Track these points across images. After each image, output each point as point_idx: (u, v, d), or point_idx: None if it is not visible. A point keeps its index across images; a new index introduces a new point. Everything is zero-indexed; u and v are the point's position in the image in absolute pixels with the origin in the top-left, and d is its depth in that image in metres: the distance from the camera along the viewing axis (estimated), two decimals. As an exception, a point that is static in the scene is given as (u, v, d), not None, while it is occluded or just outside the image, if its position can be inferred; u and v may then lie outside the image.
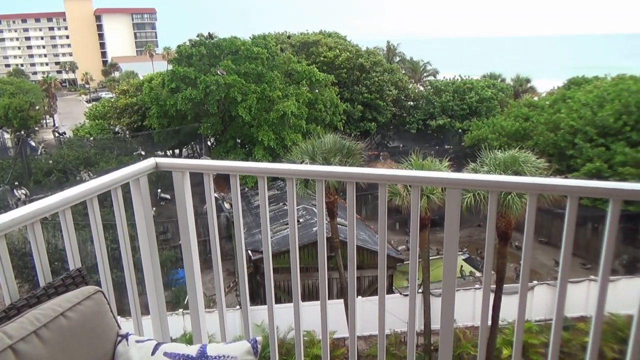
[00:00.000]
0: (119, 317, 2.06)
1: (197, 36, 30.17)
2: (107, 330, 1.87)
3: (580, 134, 23.44)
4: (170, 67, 30.75)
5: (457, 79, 36.23)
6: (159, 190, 23.88)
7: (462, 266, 21.97)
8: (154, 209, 21.98)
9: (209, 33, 30.28)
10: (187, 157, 35.79)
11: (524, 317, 2.11)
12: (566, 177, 21.05)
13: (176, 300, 19.02)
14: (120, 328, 1.93)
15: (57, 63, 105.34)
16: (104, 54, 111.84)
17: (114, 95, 39.08)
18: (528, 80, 40.91)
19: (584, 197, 1.95)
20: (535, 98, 34.05)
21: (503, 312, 15.09)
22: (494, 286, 14.90)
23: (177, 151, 35.74)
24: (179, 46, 29.83)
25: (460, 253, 23.20)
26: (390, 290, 19.18)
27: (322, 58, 34.64)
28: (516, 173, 13.27)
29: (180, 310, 16.96)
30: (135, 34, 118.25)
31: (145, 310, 2.53)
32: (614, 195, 1.79)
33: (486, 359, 15.67)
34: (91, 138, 31.03)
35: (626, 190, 1.84)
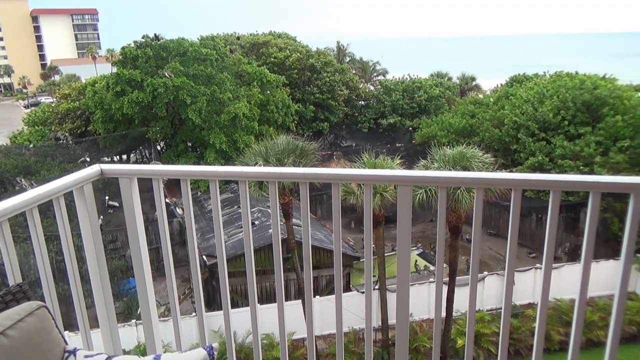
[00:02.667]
0: (67, 332, 1.97)
1: (143, 37, 29.27)
2: (53, 347, 1.78)
3: (523, 129, 24.53)
4: (114, 69, 29.66)
5: (406, 79, 37.03)
6: (107, 198, 23.04)
7: (416, 261, 22.49)
8: (102, 217, 21.18)
9: (154, 34, 29.45)
10: (136, 162, 34.70)
11: (475, 308, 2.18)
12: (511, 171, 22.03)
13: (128, 310, 18.42)
14: (67, 343, 1.84)
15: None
16: (42, 57, 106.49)
17: (55, 99, 37.31)
18: (473, 79, 42.40)
19: (527, 190, 2.04)
20: (481, 96, 35.36)
21: (457, 304, 15.58)
22: (447, 279, 15.35)
23: (125, 157, 34.56)
24: (123, 48, 28.78)
25: (414, 248, 23.74)
26: (347, 288, 19.36)
27: (272, 59, 34.49)
28: (464, 168, 13.72)
29: (133, 320, 16.44)
30: (75, 35, 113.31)
31: (95, 323, 2.43)
32: (554, 187, 1.88)
33: (441, 350, 16.13)
34: (31, 145, 29.44)
35: (565, 182, 1.94)
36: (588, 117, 23.26)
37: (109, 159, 31.56)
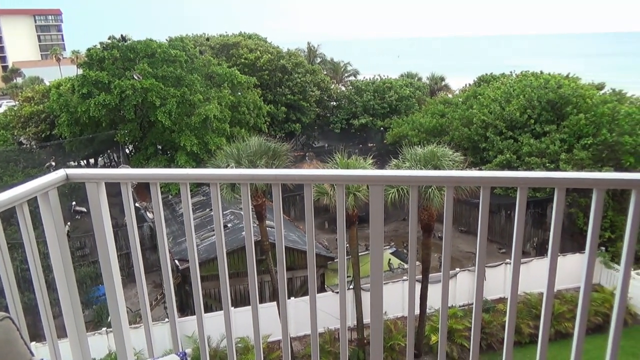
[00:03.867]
0: (33, 343, 1.90)
1: (109, 39, 28.61)
2: (18, 359, 1.72)
3: (491, 127, 25.08)
4: (80, 71, 28.89)
5: (377, 79, 37.36)
6: (74, 203, 22.43)
7: (390, 260, 22.70)
8: (69, 223, 20.60)
9: (121, 35, 28.82)
10: (104, 166, 33.89)
11: (448, 304, 2.21)
12: (480, 169, 22.48)
13: (99, 318, 17.99)
14: (33, 355, 1.78)
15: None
16: (3, 59, 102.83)
17: (17, 103, 36.05)
18: (442, 79, 43.09)
19: (496, 187, 2.08)
20: (450, 95, 35.99)
21: (430, 301, 15.81)
22: (420, 277, 15.55)
23: (92, 161, 33.70)
24: (89, 49, 28.06)
25: (387, 247, 23.95)
26: (322, 289, 19.38)
27: (243, 60, 34.26)
28: (435, 167, 13.93)
29: (104, 328, 16.05)
30: (39, 36, 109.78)
31: (63, 333, 2.36)
32: (521, 184, 1.93)
33: (416, 347, 16.34)
34: (-8, 150, 28.41)
35: (531, 179, 1.99)
36: (553, 116, 23.97)
37: (76, 164, 30.72)
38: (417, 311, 15.57)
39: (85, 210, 21.74)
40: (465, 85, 35.90)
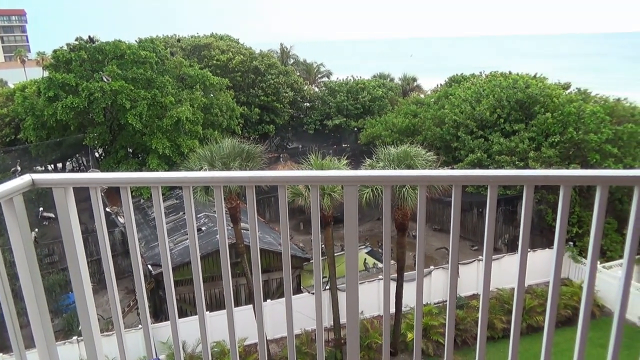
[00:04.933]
0: (0, 355, 1.83)
1: (76, 40, 27.91)
2: (-17, 371, 1.66)
3: (462, 127, 25.52)
4: (46, 73, 28.09)
5: (350, 80, 37.55)
6: (41, 209, 21.76)
7: (365, 259, 22.84)
8: (36, 230, 19.98)
9: (89, 36, 28.14)
10: (72, 170, 33.05)
11: (422, 302, 2.23)
12: (452, 168, 22.82)
13: (69, 327, 17.52)
14: (-1, 367, 1.72)
15: None
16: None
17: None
18: (414, 79, 43.59)
19: (467, 185, 2.11)
20: (422, 96, 36.45)
21: (406, 299, 15.97)
22: (396, 275, 15.69)
23: (60, 165, 32.82)
24: (55, 51, 27.29)
25: (362, 247, 24.09)
26: (298, 290, 19.36)
27: (215, 61, 33.93)
28: (409, 167, 14.09)
29: (75, 337, 15.64)
30: (2, 37, 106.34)
31: (31, 343, 2.29)
32: (492, 182, 1.97)
33: (392, 345, 16.47)
34: (-47, 156, 27.35)
35: (501, 177, 2.03)
36: (521, 115, 24.55)
37: (43, 168, 29.86)
38: (392, 310, 15.70)
39: (53, 216, 21.13)
40: (437, 85, 36.43)
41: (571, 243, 20.59)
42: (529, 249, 2.07)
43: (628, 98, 25.40)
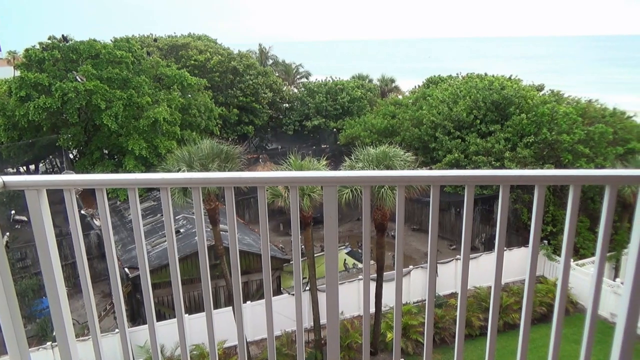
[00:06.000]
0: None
1: (49, 39, 27.27)
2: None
3: (440, 128, 25.83)
4: (17, 73, 27.37)
5: (329, 81, 37.62)
6: (13, 212, 21.23)
7: (345, 260, 22.90)
8: (7, 234, 19.48)
9: (62, 35, 27.53)
10: (46, 172, 32.29)
11: (402, 301, 2.25)
12: (430, 168, 23.09)
13: (43, 332, 17.12)
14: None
15: None
16: None
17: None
18: (393, 80, 43.94)
19: (445, 185, 2.14)
20: (400, 97, 36.75)
21: (385, 298, 16.08)
22: (375, 275, 15.78)
23: (32, 167, 32.02)
24: (27, 50, 26.62)
25: (342, 247, 24.15)
26: (278, 292, 19.31)
27: (192, 62, 33.61)
28: (388, 167, 14.18)
29: (49, 343, 15.28)
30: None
31: (3, 350, 2.23)
32: (469, 182, 2.00)
33: (372, 345, 16.55)
34: None
35: (478, 177, 2.06)
36: (497, 116, 24.98)
37: (14, 170, 29.10)
38: (372, 309, 15.79)
39: (25, 219, 20.64)
40: (415, 86, 36.81)
41: (546, 241, 21.04)
42: (505, 248, 2.11)
43: (599, 100, 26.12)
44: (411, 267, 20.12)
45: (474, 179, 2.01)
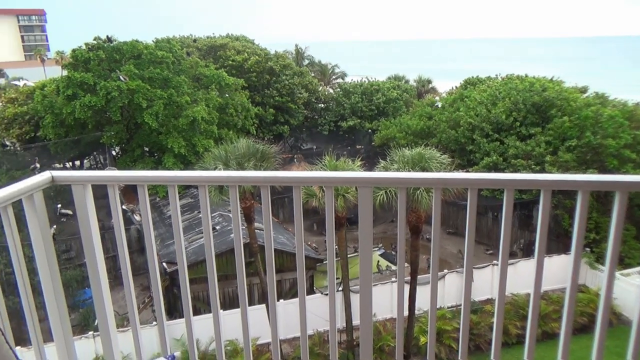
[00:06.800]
0: (18, 348, 1.87)
1: (94, 39, 28.32)
2: (3, 364, 1.69)
3: (477, 130, 25.29)
4: (65, 72, 28.54)
5: (365, 81, 37.45)
6: (59, 206, 22.10)
7: (378, 261, 22.76)
8: (54, 226, 20.30)
9: (107, 36, 28.55)
10: (90, 168, 33.51)
11: (436, 305, 2.22)
12: (467, 171, 22.65)
13: (85, 322, 17.76)
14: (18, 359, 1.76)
15: None
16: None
17: (0, 104, 35.53)
18: (429, 81, 43.37)
19: (483, 189, 2.10)
20: (437, 98, 36.20)
21: (419, 302, 15.86)
22: (409, 278, 15.60)
23: (78, 163, 33.30)
24: (74, 50, 27.74)
25: (376, 249, 24.02)
26: (311, 291, 19.37)
27: (230, 62, 34.13)
28: (423, 169, 14.00)
29: (91, 332, 15.85)
30: (22, 37, 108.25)
31: (49, 337, 2.33)
32: (508, 185, 1.95)
33: (405, 349, 16.38)
34: (-25, 153, 27.95)
35: (518, 180, 2.01)
36: (538, 118, 24.24)
37: (61, 166, 30.33)
38: (406, 312, 15.62)
39: (71, 212, 21.44)
40: (452, 88, 36.16)
41: (588, 249, 20.27)
42: (545, 255, 2.05)
43: (648, 102, 24.96)
44: (446, 271, 19.79)
45: (513, 183, 1.97)
